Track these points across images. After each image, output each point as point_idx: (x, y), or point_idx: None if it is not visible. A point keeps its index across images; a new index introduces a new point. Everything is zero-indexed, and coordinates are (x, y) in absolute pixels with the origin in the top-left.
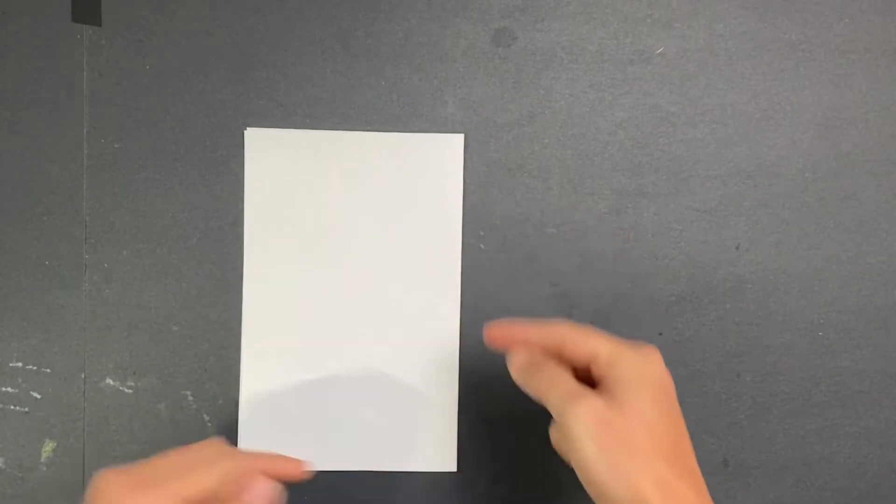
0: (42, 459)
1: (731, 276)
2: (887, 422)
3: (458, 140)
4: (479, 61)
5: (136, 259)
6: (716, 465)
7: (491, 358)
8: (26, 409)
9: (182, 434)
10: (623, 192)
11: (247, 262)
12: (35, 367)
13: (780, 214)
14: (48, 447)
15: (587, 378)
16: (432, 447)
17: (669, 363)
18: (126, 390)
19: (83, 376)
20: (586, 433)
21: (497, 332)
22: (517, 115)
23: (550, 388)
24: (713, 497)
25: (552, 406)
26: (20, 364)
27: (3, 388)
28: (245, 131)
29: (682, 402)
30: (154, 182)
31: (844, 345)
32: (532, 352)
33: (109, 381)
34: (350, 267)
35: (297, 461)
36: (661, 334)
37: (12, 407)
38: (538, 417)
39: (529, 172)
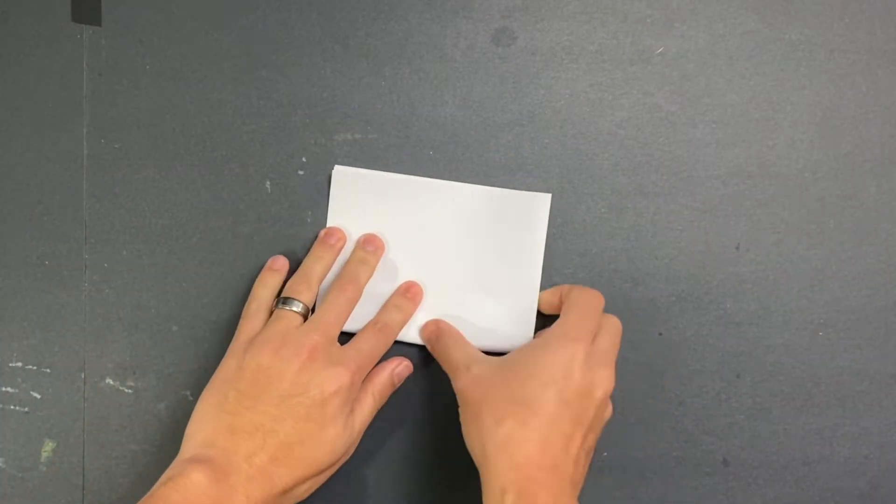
0: (42, 459)
1: (731, 276)
2: (887, 422)
3: (545, 199)
4: (479, 61)
5: (136, 259)
6: (716, 465)
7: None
8: (26, 409)
9: (182, 434)
10: (623, 192)
11: None
12: (35, 367)
13: (780, 214)
14: (48, 447)
15: None
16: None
17: (670, 363)
18: (126, 390)
19: (83, 376)
20: (460, 399)
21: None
22: (517, 114)
23: (445, 356)
24: (713, 497)
25: (447, 371)
26: (20, 364)
27: (3, 388)
28: (334, 168)
29: (682, 402)
30: (154, 182)
31: (844, 345)
32: (437, 323)
33: (109, 381)
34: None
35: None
36: (661, 334)
37: (12, 407)
38: None
39: (529, 172)
